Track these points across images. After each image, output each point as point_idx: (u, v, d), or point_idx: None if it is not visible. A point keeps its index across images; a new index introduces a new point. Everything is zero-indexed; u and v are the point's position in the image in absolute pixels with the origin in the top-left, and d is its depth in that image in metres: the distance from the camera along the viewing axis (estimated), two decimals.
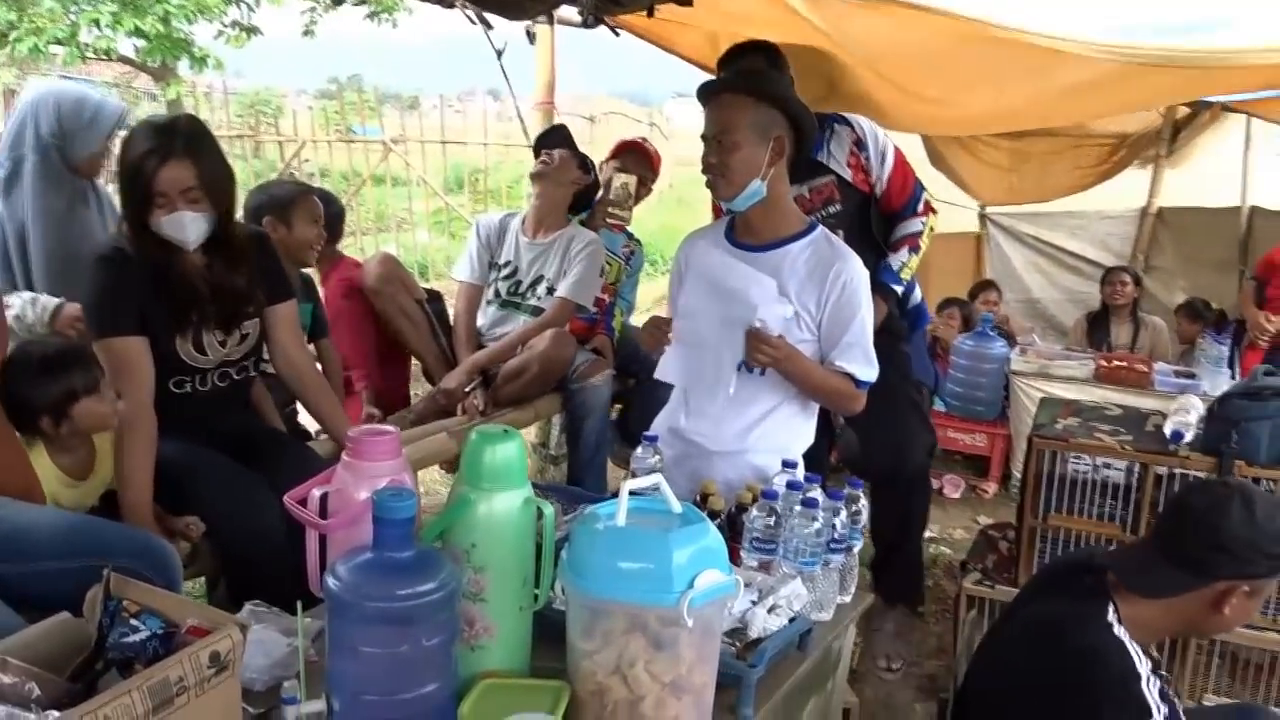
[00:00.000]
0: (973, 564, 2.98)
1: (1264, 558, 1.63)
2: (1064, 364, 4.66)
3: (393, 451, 1.53)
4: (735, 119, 2.12)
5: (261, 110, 13.12)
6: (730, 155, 2.12)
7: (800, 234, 2.23)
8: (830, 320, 2.19)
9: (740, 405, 2.25)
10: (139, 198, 2.15)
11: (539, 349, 3.22)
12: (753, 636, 1.57)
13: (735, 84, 2.16)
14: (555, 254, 3.39)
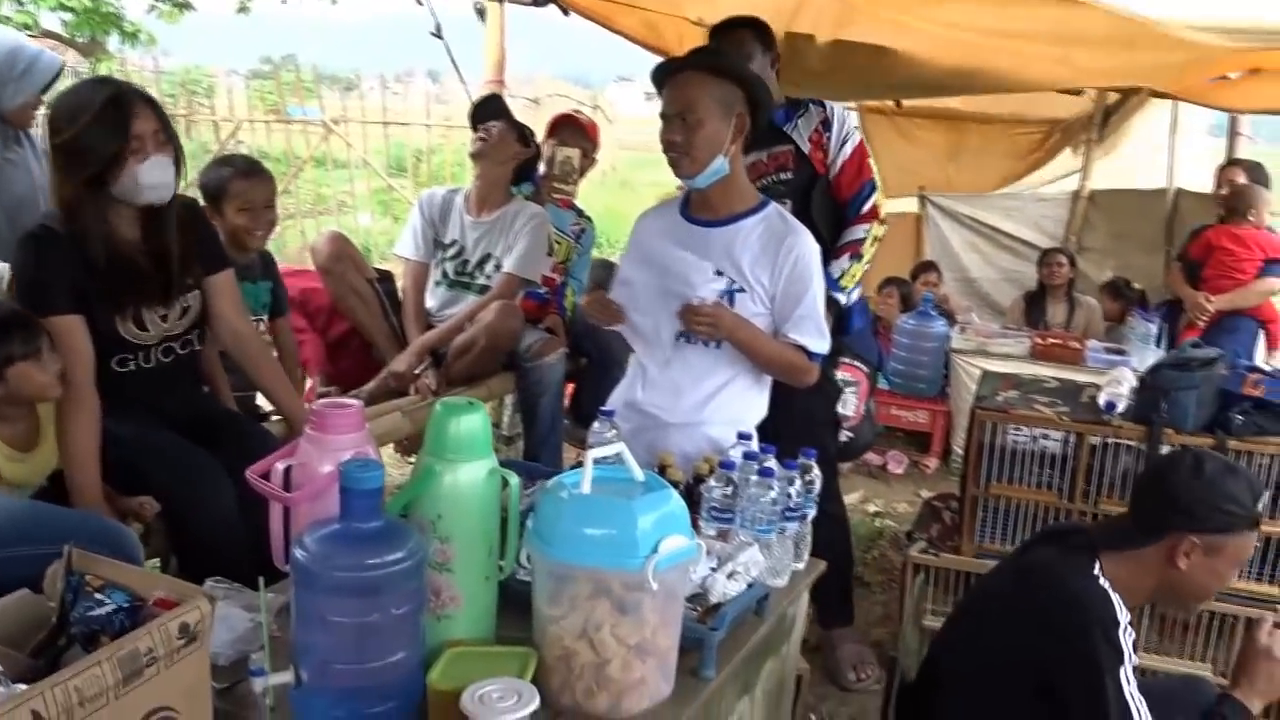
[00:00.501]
0: (918, 533, 3.07)
1: (1209, 510, 1.72)
2: (1002, 342, 4.79)
3: (356, 424, 1.53)
4: (699, 96, 2.13)
5: (193, 89, 12.79)
6: (695, 133, 2.13)
7: (754, 209, 2.26)
8: (783, 294, 2.22)
9: (696, 378, 2.28)
10: (112, 146, 2.06)
11: (485, 321, 3.20)
12: (713, 601, 1.61)
13: (697, 61, 2.18)
14: (501, 231, 3.37)
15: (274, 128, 10.19)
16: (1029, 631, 1.75)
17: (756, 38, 2.80)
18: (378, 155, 10.49)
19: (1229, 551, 1.75)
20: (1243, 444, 2.60)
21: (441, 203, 3.46)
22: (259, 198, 2.86)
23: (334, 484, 1.35)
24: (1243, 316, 4.38)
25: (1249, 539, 1.77)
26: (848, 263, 2.86)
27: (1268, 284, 4.28)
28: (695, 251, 2.26)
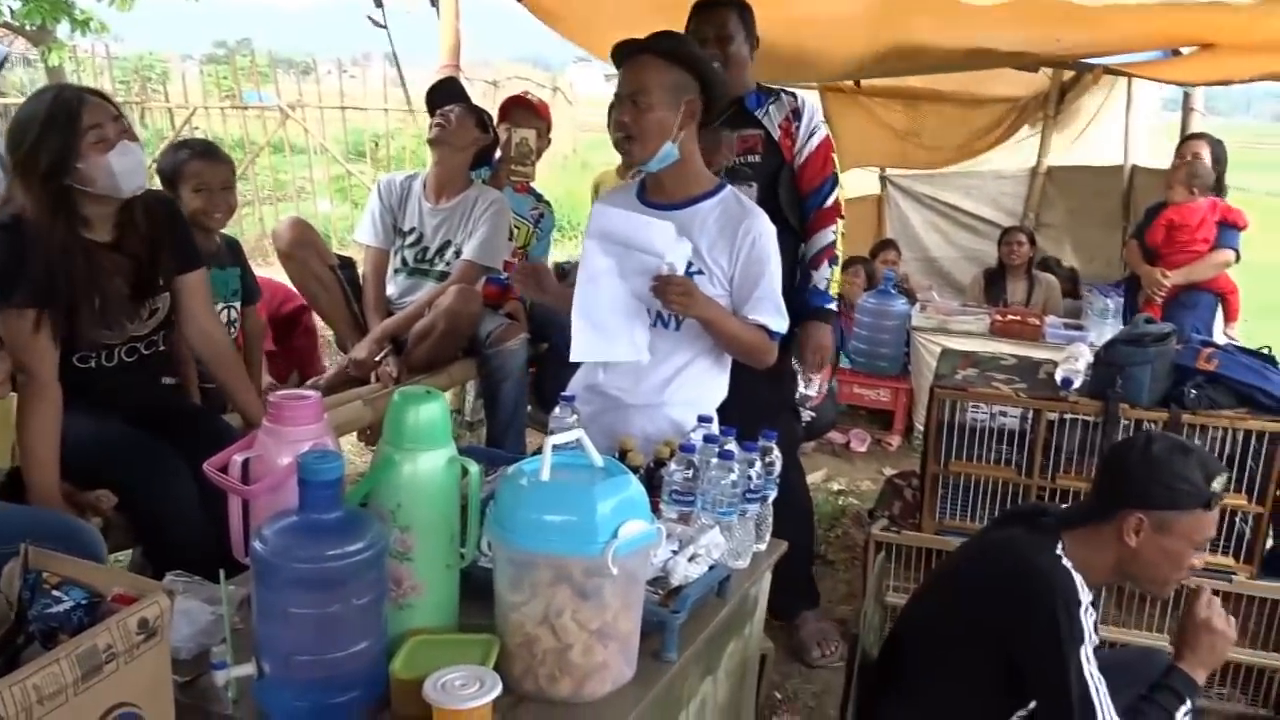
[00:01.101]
0: (880, 511, 3.10)
1: (1156, 486, 1.76)
2: (961, 319, 4.85)
3: (315, 416, 1.53)
4: (650, 80, 2.13)
5: (147, 75, 12.56)
6: (644, 116, 2.13)
7: (710, 193, 2.26)
8: (741, 275, 2.23)
9: (657, 359, 2.28)
10: (65, 138, 2.04)
11: (444, 305, 3.18)
12: (674, 584, 1.63)
13: (654, 45, 2.16)
14: (460, 217, 3.35)
15: (230, 114, 10.04)
16: (991, 608, 1.79)
17: (739, 19, 2.80)
18: (336, 141, 10.37)
19: (1180, 529, 1.77)
20: (1196, 418, 2.65)
21: (400, 188, 3.43)
22: (215, 180, 2.82)
23: (293, 476, 1.34)
24: (1200, 291, 4.45)
25: (1202, 518, 1.78)
26: (828, 269, 2.89)
27: (1221, 255, 4.35)
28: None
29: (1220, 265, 4.37)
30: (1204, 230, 4.37)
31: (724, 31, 2.76)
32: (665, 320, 2.27)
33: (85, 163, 2.06)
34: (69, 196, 2.09)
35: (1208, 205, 4.37)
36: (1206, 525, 1.80)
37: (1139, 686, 1.82)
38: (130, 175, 2.11)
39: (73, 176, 2.07)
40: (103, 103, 2.12)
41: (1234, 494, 2.62)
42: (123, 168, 2.09)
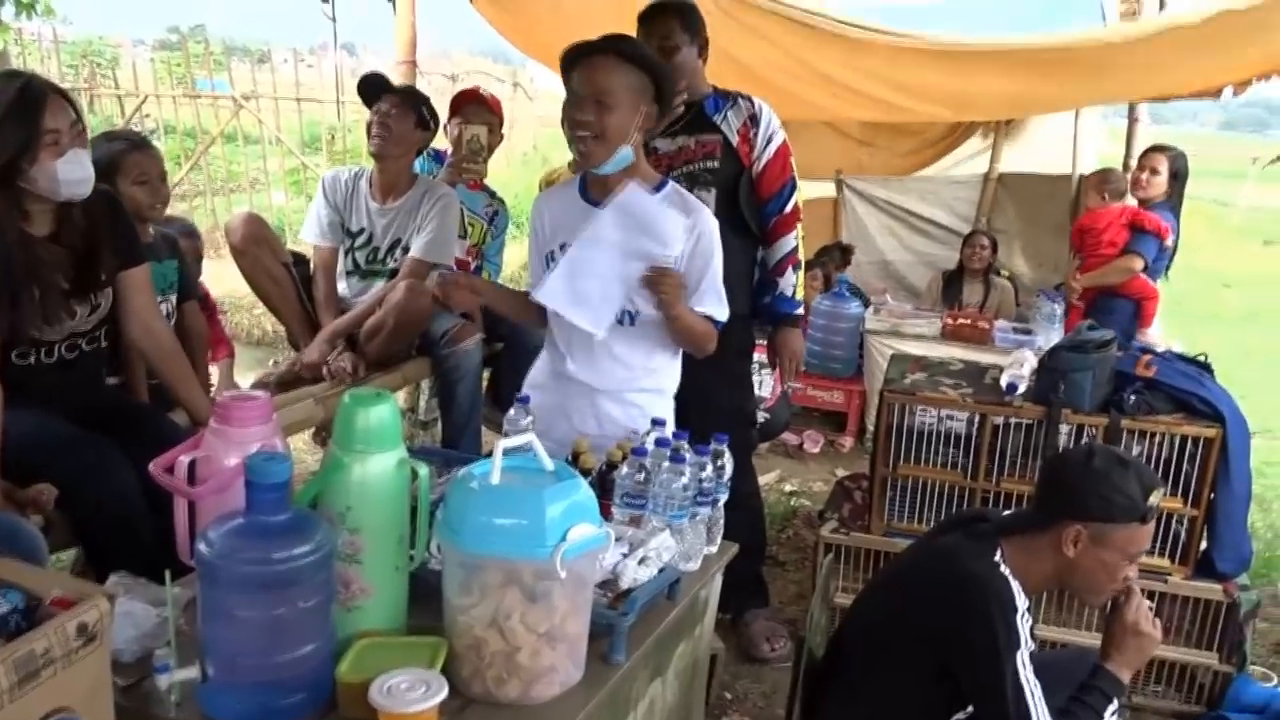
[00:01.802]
0: (829, 513, 3.15)
1: (1094, 498, 1.80)
2: (914, 322, 4.92)
3: (264, 416, 1.52)
4: (615, 81, 2.13)
5: (96, 61, 12.32)
6: (608, 116, 2.13)
7: (655, 190, 2.28)
8: (687, 269, 2.25)
9: (618, 355, 2.31)
10: (23, 141, 2.00)
11: (393, 301, 3.15)
12: (624, 587, 1.64)
13: (615, 46, 2.15)
14: (408, 214, 3.30)
15: (182, 102, 9.87)
16: (931, 614, 1.82)
17: (683, 26, 2.79)
18: (290, 132, 10.23)
19: (1116, 542, 1.81)
20: (1134, 423, 2.72)
21: (345, 186, 3.37)
22: (154, 170, 2.78)
23: (240, 477, 1.33)
24: (1117, 296, 4.56)
25: (1137, 532, 1.82)
26: (793, 275, 2.93)
27: (1127, 261, 4.46)
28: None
29: (1125, 270, 4.47)
30: (1111, 234, 4.50)
31: (668, 41, 2.74)
32: (621, 318, 2.28)
33: (36, 165, 2.03)
34: (15, 192, 2.05)
35: (1118, 211, 4.49)
36: (1142, 538, 1.85)
37: (1075, 687, 1.87)
38: (74, 184, 2.09)
39: (23, 176, 2.03)
40: (63, 103, 2.08)
41: (1170, 497, 2.70)
42: (68, 176, 2.06)
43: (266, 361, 5.59)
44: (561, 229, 2.32)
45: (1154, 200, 4.49)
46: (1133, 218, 4.44)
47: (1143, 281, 4.51)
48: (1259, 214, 18.41)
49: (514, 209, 8.28)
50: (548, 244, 2.36)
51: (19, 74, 2.17)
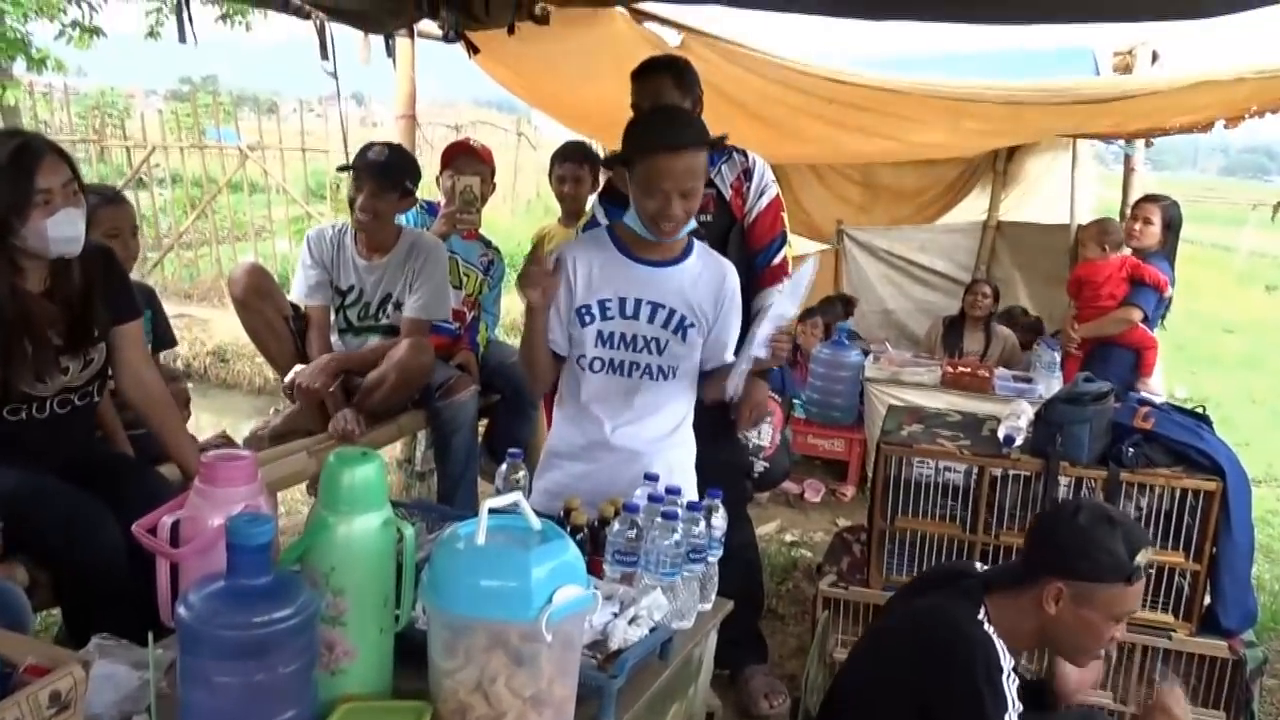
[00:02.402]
0: (828, 566, 3.12)
1: (1077, 556, 1.78)
2: (914, 370, 4.91)
3: (248, 476, 1.51)
4: (700, 168, 2.18)
5: (107, 112, 12.49)
6: (693, 200, 2.19)
7: (688, 248, 2.33)
8: (721, 322, 2.33)
9: (659, 409, 2.35)
10: (15, 198, 2.02)
11: (396, 358, 3.16)
12: (613, 648, 1.61)
13: (699, 140, 2.18)
14: (397, 268, 3.30)
15: (190, 151, 9.99)
16: (914, 676, 1.79)
17: (675, 83, 2.78)
18: (296, 181, 10.34)
19: (1100, 602, 1.78)
20: (1134, 476, 2.70)
21: (331, 244, 3.35)
22: (125, 224, 2.82)
23: (223, 538, 1.32)
24: (1115, 346, 4.55)
25: (1123, 593, 1.79)
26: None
27: (1126, 312, 4.46)
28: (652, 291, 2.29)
29: (1124, 321, 4.47)
30: (1111, 286, 4.50)
31: (660, 100, 2.73)
32: (654, 373, 2.32)
33: (27, 224, 2.05)
34: (8, 249, 2.07)
35: (1118, 263, 4.50)
36: (1128, 599, 1.81)
37: None
38: (64, 243, 2.10)
39: (14, 234, 2.05)
40: (59, 162, 2.10)
41: (1171, 552, 2.68)
42: (57, 234, 2.08)
43: (267, 410, 5.59)
44: (607, 284, 2.30)
45: (1148, 250, 4.49)
46: (1133, 271, 4.45)
47: (1142, 331, 4.51)
48: (1260, 260, 18.46)
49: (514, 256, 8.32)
50: (584, 298, 2.31)
51: (18, 133, 2.20)
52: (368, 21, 3.62)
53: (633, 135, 2.22)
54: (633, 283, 2.29)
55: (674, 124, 2.23)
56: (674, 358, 2.31)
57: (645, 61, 2.85)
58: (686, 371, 2.35)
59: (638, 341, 2.30)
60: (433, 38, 3.82)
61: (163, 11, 10.29)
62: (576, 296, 2.31)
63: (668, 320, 2.29)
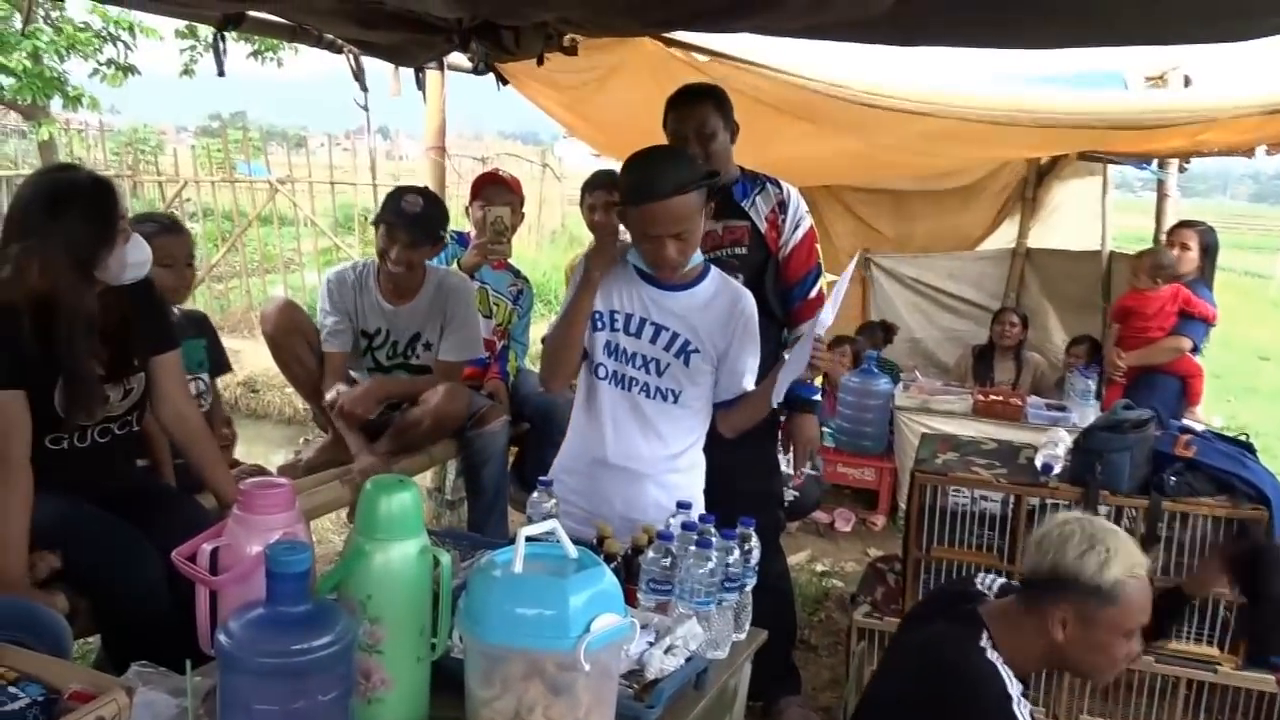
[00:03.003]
0: (862, 596, 3.08)
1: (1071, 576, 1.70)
2: (944, 399, 4.87)
3: (286, 504, 1.51)
4: (690, 210, 2.16)
5: (140, 148, 12.71)
6: (688, 242, 2.20)
7: (702, 274, 2.32)
8: (736, 350, 2.30)
9: (665, 432, 2.33)
10: (109, 231, 2.08)
11: (432, 403, 3.15)
12: (650, 678, 1.60)
13: (676, 188, 2.13)
14: (424, 309, 3.25)
15: (221, 186, 10.14)
16: (924, 713, 1.74)
17: (717, 110, 2.78)
18: (324, 214, 10.46)
19: (1105, 621, 1.71)
20: (1176, 504, 2.65)
21: (353, 288, 3.25)
22: (181, 253, 2.83)
23: (262, 566, 1.32)
24: (1162, 374, 4.51)
25: (1127, 608, 1.71)
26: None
27: (1175, 342, 4.43)
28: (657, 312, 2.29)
29: (1173, 351, 4.44)
30: (1161, 319, 4.48)
31: (704, 129, 2.73)
32: (665, 394, 2.31)
33: (113, 253, 2.10)
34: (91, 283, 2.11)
35: (1169, 294, 4.46)
36: (1134, 612, 1.73)
37: None
38: (138, 267, 2.16)
39: (100, 264, 2.10)
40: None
41: None
42: (135, 259, 2.14)
43: (297, 439, 5.62)
44: (618, 297, 2.32)
45: (1187, 276, 4.46)
46: (1185, 305, 4.42)
47: (1189, 359, 4.46)
48: None
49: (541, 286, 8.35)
50: (599, 304, 2.33)
51: (69, 167, 2.25)
52: (398, 55, 3.66)
53: (624, 182, 2.23)
54: (641, 301, 2.30)
55: (662, 170, 2.16)
56: (675, 381, 2.30)
57: (685, 89, 2.83)
58: (694, 397, 2.33)
59: (638, 359, 2.31)
60: (462, 70, 3.87)
61: (196, 49, 10.51)
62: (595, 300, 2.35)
63: (670, 343, 2.29)
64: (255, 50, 10.68)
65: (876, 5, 2.10)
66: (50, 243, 2.07)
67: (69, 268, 2.07)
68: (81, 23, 10.02)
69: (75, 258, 2.07)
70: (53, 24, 9.79)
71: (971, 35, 2.67)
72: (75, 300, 2.09)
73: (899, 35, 2.65)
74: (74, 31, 9.78)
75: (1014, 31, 2.53)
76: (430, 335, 3.27)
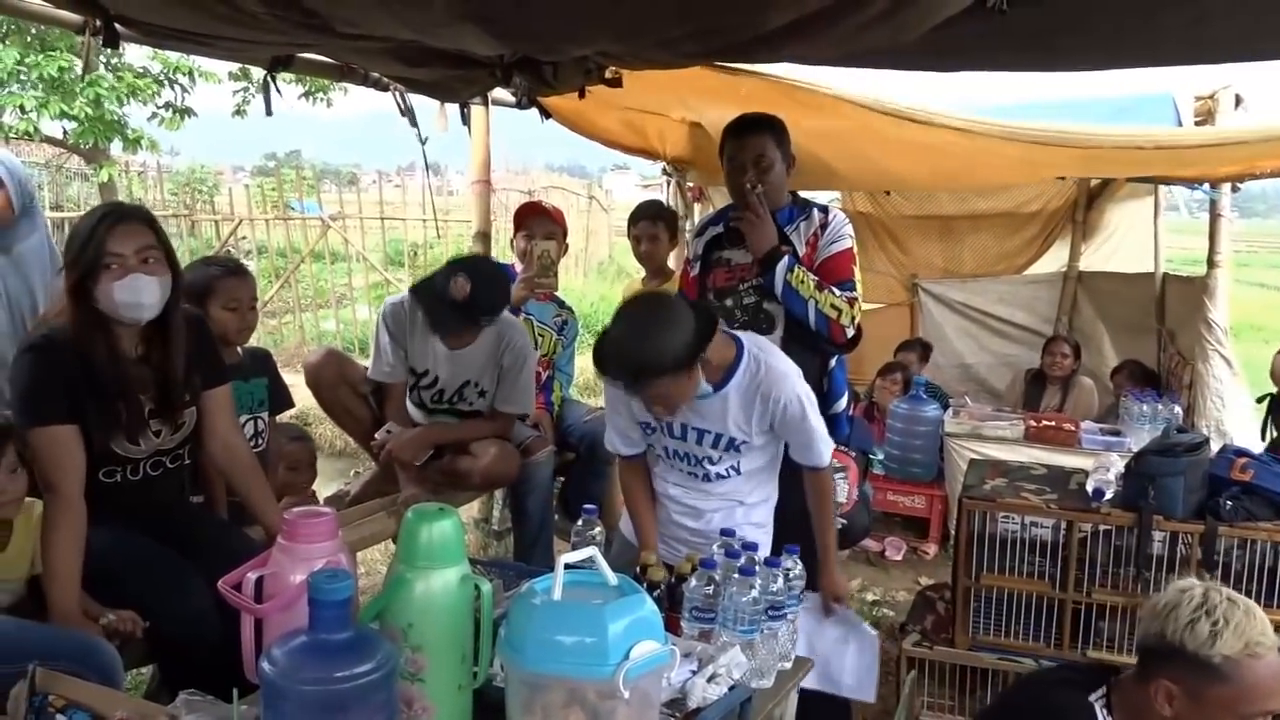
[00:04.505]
0: (912, 625, 3.03)
1: (1178, 649, 1.60)
2: (995, 425, 4.78)
3: (329, 533, 1.53)
4: (665, 389, 2.16)
5: (197, 188, 13.05)
6: (672, 403, 2.23)
7: (730, 370, 2.31)
8: (792, 434, 2.37)
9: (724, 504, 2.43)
10: (88, 262, 2.10)
11: (482, 464, 3.13)
12: (692, 706, 1.59)
13: (663, 365, 2.11)
14: (479, 356, 3.20)
15: (275, 223, 10.37)
16: None
17: (775, 142, 2.78)
18: (375, 250, 10.64)
19: (1216, 700, 1.58)
20: (1233, 530, 2.58)
21: (408, 320, 3.19)
22: (245, 296, 2.88)
23: (305, 594, 1.34)
24: None
25: (1244, 688, 1.57)
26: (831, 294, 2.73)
27: None
28: (695, 417, 2.35)
29: None
30: None
31: (763, 160, 2.73)
32: (713, 477, 2.41)
33: (97, 286, 2.12)
34: (99, 314, 2.15)
35: None
36: (1257, 694, 1.57)
37: None
38: (129, 308, 2.15)
39: (90, 295, 2.14)
40: (140, 230, 2.17)
41: (1276, 610, 2.53)
42: (124, 299, 2.13)
43: (348, 472, 5.69)
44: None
45: None
46: None
47: None
48: None
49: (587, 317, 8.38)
50: (640, 415, 2.42)
51: (115, 205, 2.32)
52: (442, 91, 3.72)
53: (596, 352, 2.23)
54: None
55: (629, 352, 2.14)
56: (731, 461, 2.38)
57: (744, 118, 2.83)
58: (757, 468, 2.42)
59: (690, 458, 2.40)
60: (507, 105, 3.92)
61: (250, 90, 10.80)
62: (638, 414, 2.42)
63: (715, 442, 2.36)
64: (307, 90, 10.95)
65: (907, 32, 2.09)
66: (65, 274, 2.16)
67: (75, 301, 2.14)
68: (141, 68, 10.36)
69: (70, 288, 2.14)
70: (113, 70, 10.13)
71: (1009, 60, 2.65)
72: (89, 332, 2.14)
73: (935, 61, 2.63)
74: (134, 79, 10.11)
75: (1052, 55, 2.51)
76: (483, 381, 3.23)
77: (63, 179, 11.87)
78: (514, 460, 3.25)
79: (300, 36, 2.74)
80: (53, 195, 10.95)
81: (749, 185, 2.71)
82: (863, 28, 2.08)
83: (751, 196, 2.70)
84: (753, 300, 2.77)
